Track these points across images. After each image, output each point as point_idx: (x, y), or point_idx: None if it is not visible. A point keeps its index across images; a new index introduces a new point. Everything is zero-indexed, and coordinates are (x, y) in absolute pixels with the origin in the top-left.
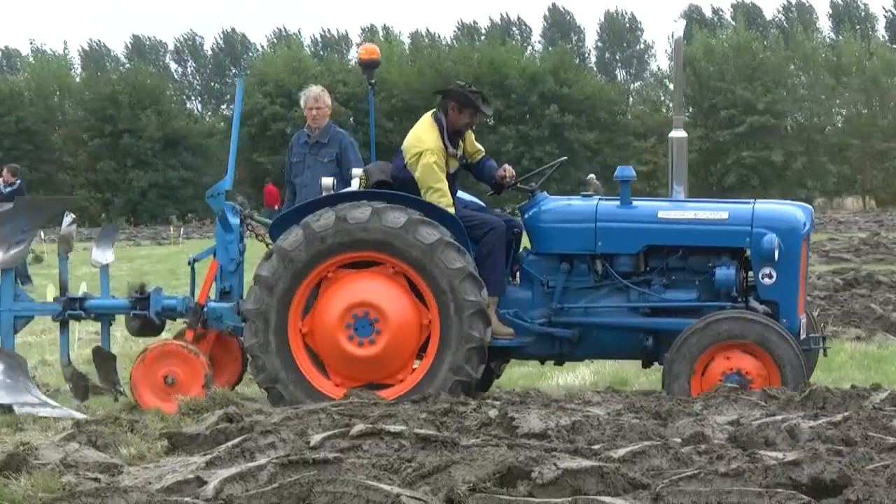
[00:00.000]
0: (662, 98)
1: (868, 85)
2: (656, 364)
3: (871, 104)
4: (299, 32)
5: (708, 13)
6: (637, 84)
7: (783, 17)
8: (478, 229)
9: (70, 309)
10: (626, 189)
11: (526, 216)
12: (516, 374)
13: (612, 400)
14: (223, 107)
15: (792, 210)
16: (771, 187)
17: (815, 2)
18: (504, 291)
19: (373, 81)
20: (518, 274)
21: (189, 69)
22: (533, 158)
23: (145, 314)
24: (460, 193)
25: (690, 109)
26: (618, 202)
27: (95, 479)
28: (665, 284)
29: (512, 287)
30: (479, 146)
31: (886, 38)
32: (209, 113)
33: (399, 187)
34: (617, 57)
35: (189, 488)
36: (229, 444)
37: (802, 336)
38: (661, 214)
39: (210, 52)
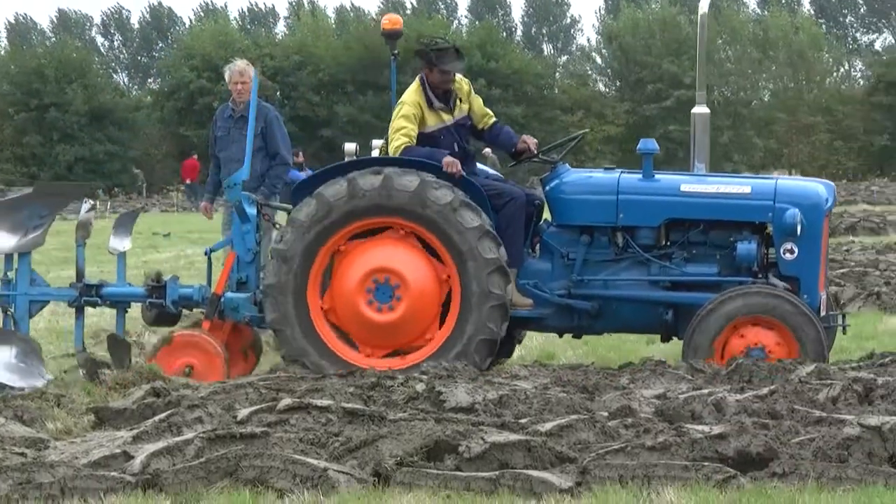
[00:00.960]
0: (589, 72)
1: (794, 59)
2: (675, 338)
3: (797, 78)
4: (226, 6)
5: None
6: (564, 58)
7: None
8: (497, 199)
9: (86, 295)
10: (648, 162)
11: (547, 188)
12: None
13: (540, 374)
14: (150, 80)
15: (814, 186)
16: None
17: None
18: (523, 262)
19: (396, 52)
20: (538, 246)
21: (115, 43)
22: None
23: (161, 303)
24: (481, 166)
25: (617, 83)
26: (640, 175)
27: (21, 454)
28: (686, 258)
29: (532, 259)
30: (488, 111)
31: (812, 12)
32: (136, 87)
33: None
34: (543, 31)
35: (116, 463)
36: (156, 418)
37: (823, 313)
38: (683, 188)
39: (137, 26)
